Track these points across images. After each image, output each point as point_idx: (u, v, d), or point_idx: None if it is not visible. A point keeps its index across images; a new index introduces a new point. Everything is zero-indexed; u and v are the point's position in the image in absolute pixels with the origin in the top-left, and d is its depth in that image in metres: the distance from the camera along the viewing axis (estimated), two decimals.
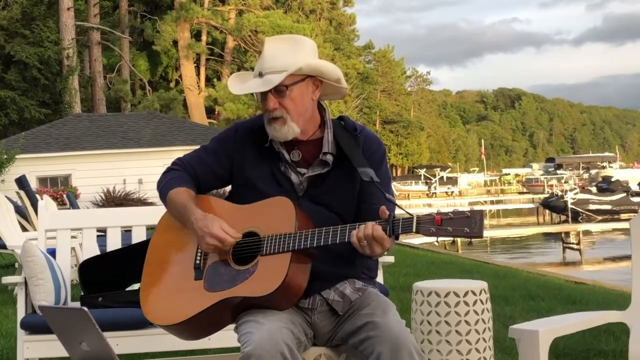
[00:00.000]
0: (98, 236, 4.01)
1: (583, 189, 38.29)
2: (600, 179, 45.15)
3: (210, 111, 43.40)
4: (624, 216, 32.27)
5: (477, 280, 3.69)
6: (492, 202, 48.24)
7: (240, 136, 2.61)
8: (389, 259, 3.60)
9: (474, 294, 3.45)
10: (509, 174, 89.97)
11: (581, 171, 65.05)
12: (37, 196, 9.67)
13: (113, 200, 21.49)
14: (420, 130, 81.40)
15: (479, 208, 2.26)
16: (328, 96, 2.62)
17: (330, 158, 2.52)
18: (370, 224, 2.27)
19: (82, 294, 3.66)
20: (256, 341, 2.24)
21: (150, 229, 3.33)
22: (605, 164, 67.69)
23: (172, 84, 46.45)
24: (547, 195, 38.24)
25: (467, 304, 3.43)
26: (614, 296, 7.41)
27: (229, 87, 2.58)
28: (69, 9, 33.27)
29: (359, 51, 67.86)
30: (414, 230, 2.25)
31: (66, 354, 2.67)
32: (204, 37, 43.70)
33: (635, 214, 4.00)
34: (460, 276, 8.10)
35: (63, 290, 3.59)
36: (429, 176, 62.10)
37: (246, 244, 2.44)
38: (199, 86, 42.52)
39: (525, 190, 60.30)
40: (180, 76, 43.82)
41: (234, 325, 2.47)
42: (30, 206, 9.31)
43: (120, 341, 3.32)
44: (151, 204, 19.73)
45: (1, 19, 30.99)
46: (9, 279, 3.64)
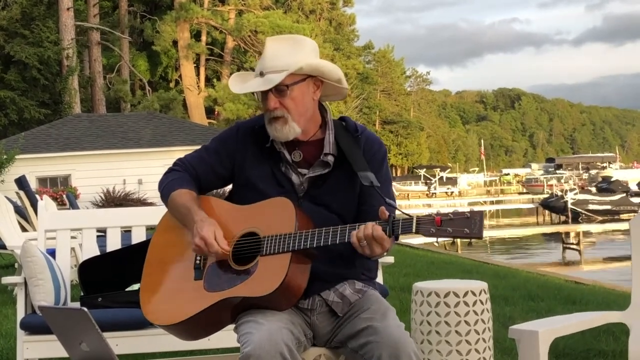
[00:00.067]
0: (98, 236, 4.02)
1: (583, 189, 38.29)
2: (600, 179, 45.19)
3: (210, 111, 43.40)
4: (623, 216, 32.25)
5: (477, 280, 3.68)
6: (492, 203, 48.21)
7: (242, 136, 2.61)
8: (388, 259, 3.60)
9: (473, 294, 3.45)
10: (508, 174, 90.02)
11: (581, 171, 65.05)
12: (37, 196, 9.66)
13: (113, 200, 21.48)
14: (420, 131, 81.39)
15: (478, 208, 2.26)
16: (329, 97, 2.62)
17: (331, 159, 2.52)
18: (370, 224, 2.27)
19: (82, 294, 3.66)
20: (256, 341, 2.24)
21: (150, 229, 3.33)
22: (605, 164, 67.75)
23: (172, 84, 46.46)
24: (547, 196, 38.18)
25: (466, 304, 3.43)
26: (613, 296, 7.41)
27: (230, 87, 2.58)
28: (68, 9, 33.28)
29: (358, 51, 67.88)
30: (413, 230, 2.24)
31: (66, 354, 2.67)
32: (204, 38, 43.71)
33: (635, 214, 4.00)
34: (460, 276, 8.10)
35: (63, 290, 3.59)
36: (429, 176, 62.07)
37: (246, 244, 2.44)
38: (198, 86, 42.52)
39: (525, 191, 60.27)
40: (180, 76, 43.84)
41: (233, 326, 2.47)
42: (30, 206, 9.30)
43: (120, 341, 3.32)
44: (151, 204, 19.73)
45: (1, 19, 30.99)
46: (8, 279, 3.64)
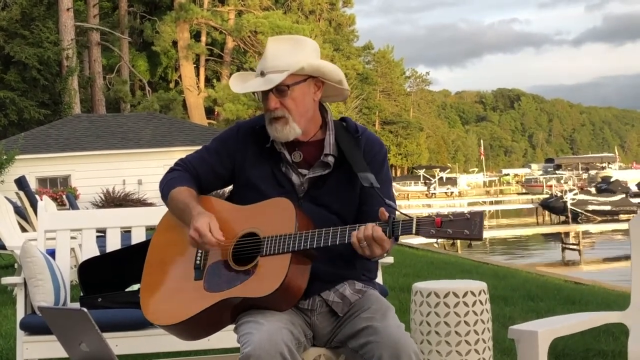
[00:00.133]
0: (97, 237, 4.02)
1: (582, 190, 38.31)
2: (600, 180, 45.12)
3: (209, 112, 43.39)
4: (623, 217, 32.25)
5: (476, 280, 3.68)
6: (492, 203, 48.24)
7: (242, 136, 2.61)
8: (388, 259, 3.59)
9: (473, 294, 3.45)
10: (508, 174, 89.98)
11: (580, 172, 65.02)
12: (37, 197, 9.65)
13: (112, 200, 21.48)
14: (419, 131, 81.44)
15: (478, 209, 2.26)
16: (329, 98, 2.62)
17: (331, 160, 2.52)
18: (370, 225, 2.27)
19: (82, 294, 3.66)
20: (256, 342, 2.24)
21: (150, 229, 3.33)
22: (604, 165, 67.69)
23: (172, 85, 46.45)
24: (547, 196, 38.17)
25: (466, 304, 3.42)
26: (613, 296, 7.41)
27: (231, 86, 2.58)
28: (68, 9, 33.29)
29: (358, 52, 67.92)
30: (413, 232, 2.24)
31: (66, 354, 2.67)
32: (204, 38, 43.70)
33: (635, 215, 4.00)
34: (459, 276, 8.09)
35: (62, 290, 3.59)
36: (428, 177, 62.05)
37: (246, 244, 2.44)
38: (198, 87, 42.51)
39: (524, 191, 60.25)
40: (180, 77, 43.82)
41: (233, 326, 2.47)
42: (30, 207, 9.29)
43: (119, 342, 3.32)
44: (151, 204, 19.73)
45: (1, 19, 30.98)
46: (8, 279, 3.64)
